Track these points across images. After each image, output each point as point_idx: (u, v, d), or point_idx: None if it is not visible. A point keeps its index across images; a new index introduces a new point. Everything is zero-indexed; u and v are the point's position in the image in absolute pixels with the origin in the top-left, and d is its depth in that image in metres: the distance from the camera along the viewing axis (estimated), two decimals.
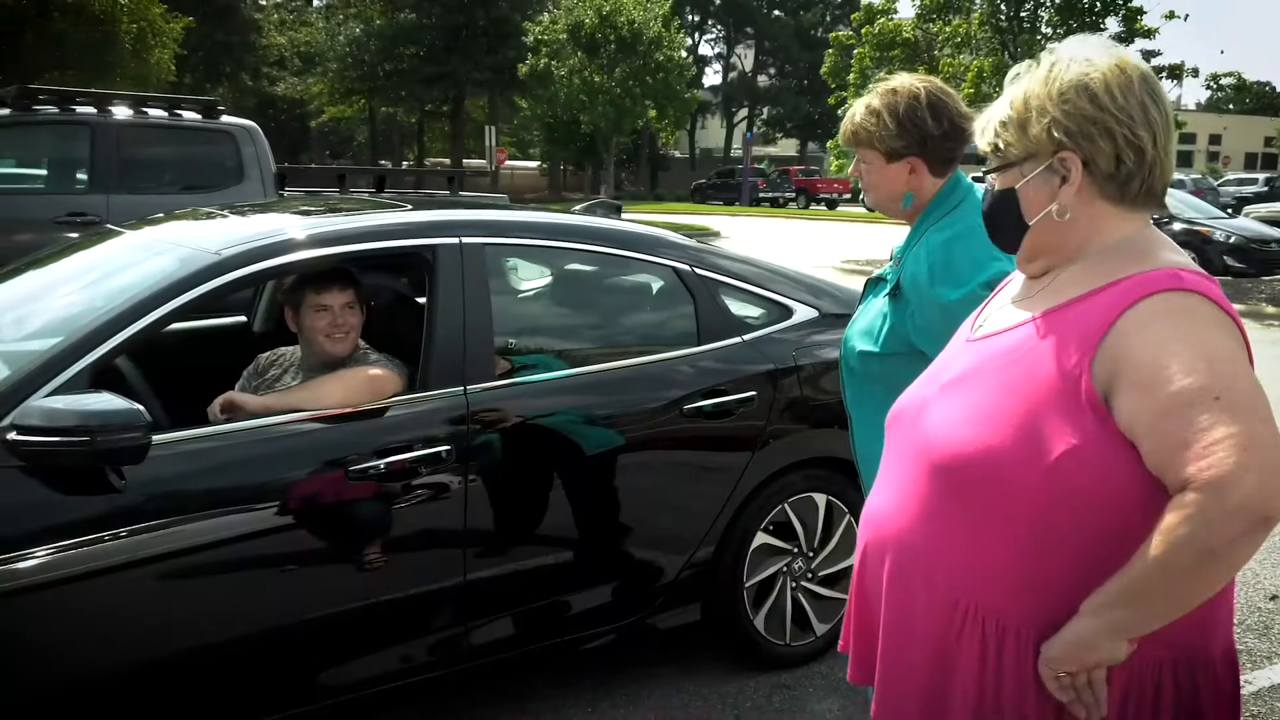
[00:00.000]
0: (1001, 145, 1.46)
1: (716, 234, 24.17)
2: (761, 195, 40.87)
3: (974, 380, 1.45)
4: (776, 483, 3.30)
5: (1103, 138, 1.37)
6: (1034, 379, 1.37)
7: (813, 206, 39.63)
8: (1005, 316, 1.52)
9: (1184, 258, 1.40)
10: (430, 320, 2.84)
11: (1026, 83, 1.43)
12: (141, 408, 2.26)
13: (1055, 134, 1.38)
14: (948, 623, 1.42)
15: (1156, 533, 1.25)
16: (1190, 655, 1.38)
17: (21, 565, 2.22)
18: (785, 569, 3.38)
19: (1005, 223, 1.49)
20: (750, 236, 23.67)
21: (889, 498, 1.55)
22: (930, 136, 2.20)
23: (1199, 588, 1.27)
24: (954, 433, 1.43)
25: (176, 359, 3.55)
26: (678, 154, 59.61)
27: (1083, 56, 1.40)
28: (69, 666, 2.36)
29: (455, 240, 2.92)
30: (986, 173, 1.52)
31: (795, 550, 3.39)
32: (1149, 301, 1.31)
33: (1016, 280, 1.58)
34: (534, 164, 51.77)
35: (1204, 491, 1.22)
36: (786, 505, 3.34)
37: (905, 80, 2.26)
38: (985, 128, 1.49)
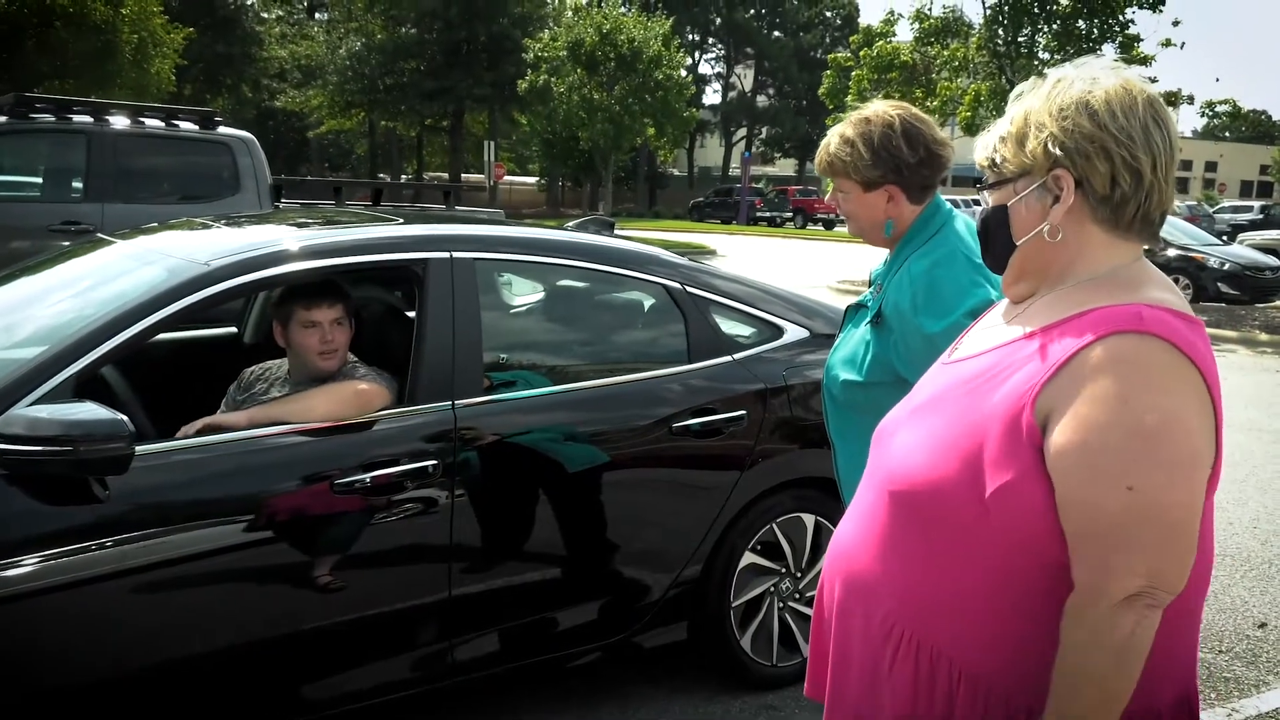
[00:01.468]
0: (998, 160, 1.42)
1: (713, 252, 24.22)
2: (759, 214, 41.09)
3: (937, 407, 1.43)
4: (765, 502, 3.29)
5: (1099, 157, 1.32)
6: (985, 409, 1.34)
7: (810, 226, 39.84)
8: (978, 341, 1.50)
9: (1170, 295, 1.35)
10: (419, 334, 2.83)
11: (1029, 99, 1.40)
12: (125, 418, 2.25)
13: (1051, 149, 1.33)
14: (882, 649, 1.41)
15: (1065, 642, 1.27)
16: (1130, 712, 1.32)
17: (2, 574, 2.20)
18: (773, 589, 3.37)
19: (994, 243, 1.46)
20: (747, 255, 23.71)
21: (851, 520, 1.55)
22: (906, 164, 2.19)
23: (1126, 680, 1.27)
24: (909, 461, 1.42)
25: (166, 370, 3.55)
26: (676, 172, 59.77)
27: (1088, 75, 1.36)
28: (49, 676, 2.34)
29: (446, 255, 2.92)
30: (981, 189, 1.49)
31: (783, 570, 3.37)
32: (1105, 344, 1.26)
33: (1003, 302, 1.55)
34: (533, 180, 51.88)
35: (1087, 595, 1.25)
36: (775, 525, 3.32)
37: (879, 108, 2.25)
38: (985, 143, 1.45)
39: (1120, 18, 21.41)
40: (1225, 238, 21.50)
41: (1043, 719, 1.30)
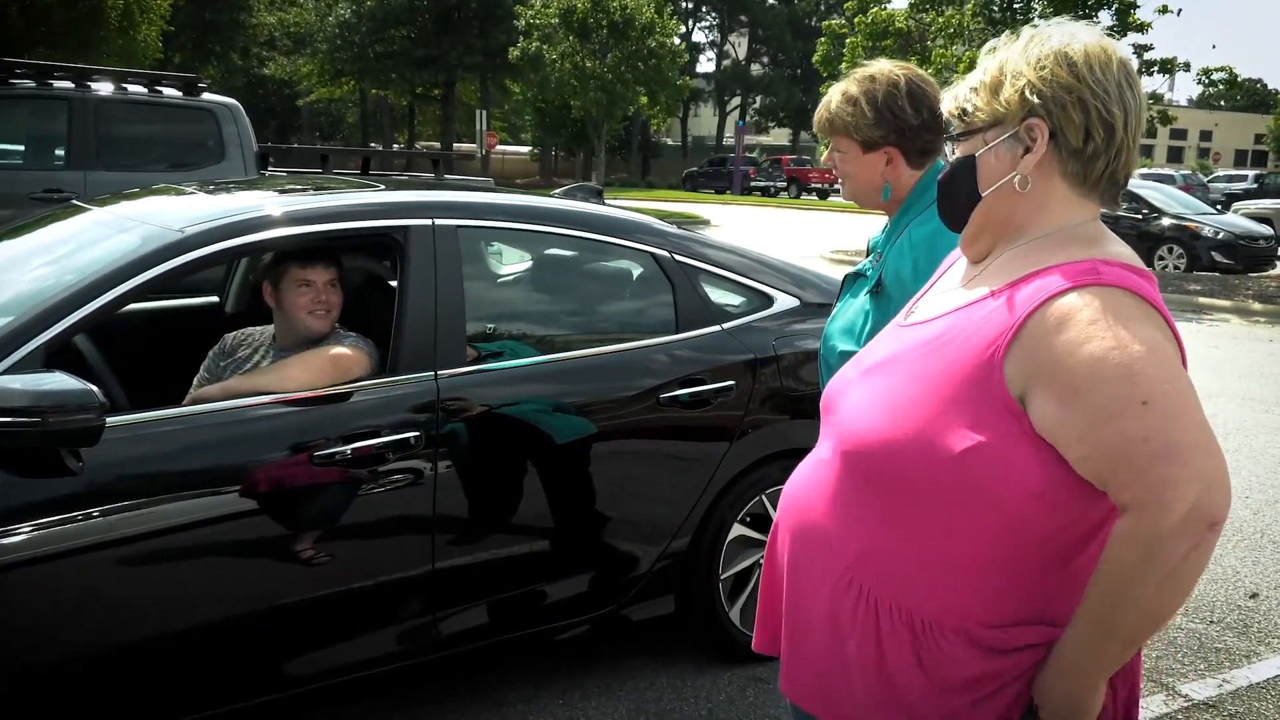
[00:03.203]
0: (969, 109, 1.40)
1: (706, 222, 24.12)
2: (753, 184, 40.88)
3: (890, 368, 1.43)
4: (754, 474, 3.25)
5: (1075, 108, 1.32)
6: (947, 373, 1.33)
7: (804, 196, 39.69)
8: (934, 304, 1.49)
9: (1123, 249, 1.35)
10: (401, 303, 2.77)
11: (1004, 52, 1.39)
12: (95, 388, 2.19)
13: (1028, 96, 1.33)
14: (841, 603, 1.41)
15: (1109, 561, 1.24)
16: None
17: None
18: (762, 561, 3.33)
19: (958, 193, 1.44)
20: (740, 225, 23.62)
21: (804, 476, 1.55)
22: (909, 126, 2.12)
23: (1170, 607, 1.24)
24: (861, 421, 1.41)
25: (147, 340, 3.49)
26: (670, 141, 59.46)
27: (1066, 31, 1.37)
28: (21, 651, 2.30)
29: (428, 222, 2.86)
30: (948, 139, 1.46)
31: None
32: (1065, 300, 1.26)
33: (958, 265, 1.54)
34: (526, 149, 51.54)
35: (1145, 514, 1.20)
36: (764, 497, 3.29)
37: (884, 67, 2.18)
38: (955, 93, 1.44)
39: None
40: (1219, 207, 21.44)
41: (1071, 631, 1.29)
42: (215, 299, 3.87)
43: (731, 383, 3.17)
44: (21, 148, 7.48)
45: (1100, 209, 1.40)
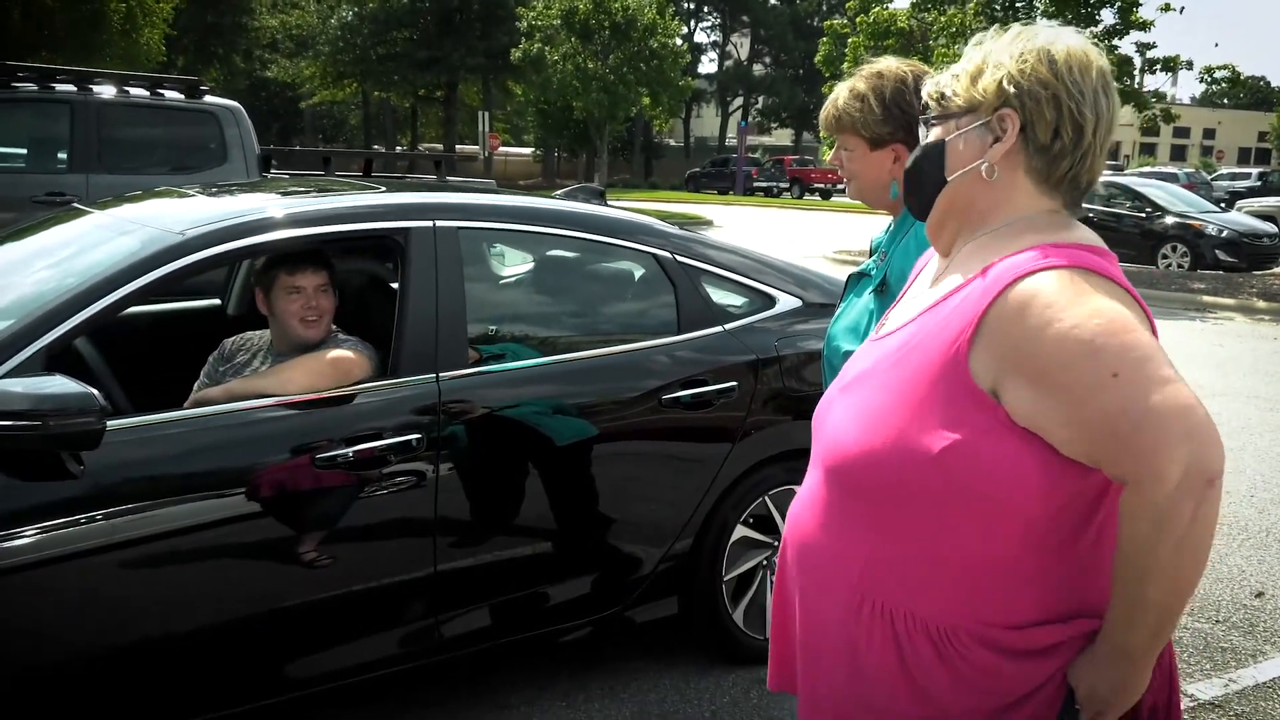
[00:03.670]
0: (948, 94, 1.43)
1: (709, 223, 24.11)
2: (755, 184, 40.90)
3: (865, 382, 1.44)
4: (757, 475, 3.24)
5: (1049, 104, 1.34)
6: (916, 377, 1.34)
7: (806, 196, 39.68)
8: (902, 313, 1.50)
9: (1081, 232, 1.36)
10: (402, 305, 2.76)
11: (990, 45, 1.42)
12: (95, 392, 2.18)
13: (1005, 86, 1.36)
14: (855, 620, 1.40)
15: (1124, 537, 1.24)
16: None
17: None
18: (765, 563, 3.33)
19: (925, 179, 1.46)
20: (743, 226, 23.61)
21: (802, 498, 1.55)
22: (917, 122, 2.11)
23: (1192, 570, 1.23)
24: (841, 437, 1.42)
25: (148, 343, 3.49)
26: (672, 142, 59.49)
27: (1053, 33, 1.40)
28: (23, 652, 2.29)
29: (429, 224, 2.85)
30: (923, 122, 1.48)
31: (775, 544, 3.33)
32: (1019, 288, 1.27)
33: (926, 272, 1.55)
34: (528, 151, 51.56)
35: (1143, 485, 1.20)
36: (767, 498, 3.28)
37: (891, 64, 2.18)
38: (937, 79, 1.46)
39: None
40: (1223, 205, 21.42)
41: (1108, 615, 1.29)
42: (217, 301, 3.87)
43: (734, 384, 3.16)
44: (24, 151, 7.48)
45: (1063, 210, 1.41)
